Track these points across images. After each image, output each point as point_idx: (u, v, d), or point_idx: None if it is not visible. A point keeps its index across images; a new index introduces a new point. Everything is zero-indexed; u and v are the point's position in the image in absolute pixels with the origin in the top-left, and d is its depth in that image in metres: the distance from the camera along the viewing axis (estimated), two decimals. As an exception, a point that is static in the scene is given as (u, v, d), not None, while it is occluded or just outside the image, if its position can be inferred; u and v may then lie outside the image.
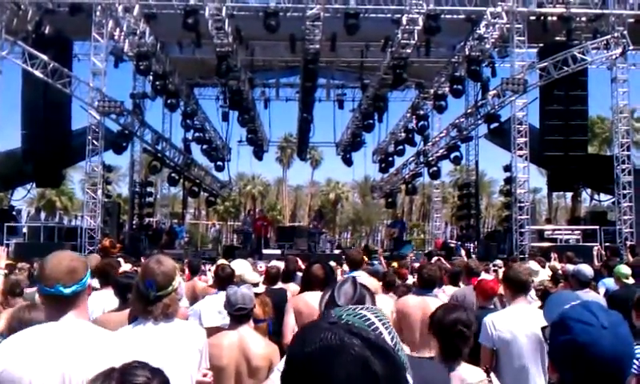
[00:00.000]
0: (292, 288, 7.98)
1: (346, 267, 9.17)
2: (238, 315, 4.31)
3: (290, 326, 5.58)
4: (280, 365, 3.37)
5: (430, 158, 28.01)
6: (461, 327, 3.54)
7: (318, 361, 1.08)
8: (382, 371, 1.07)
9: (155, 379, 1.69)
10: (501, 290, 6.58)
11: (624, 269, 7.69)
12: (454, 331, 3.53)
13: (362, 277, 7.40)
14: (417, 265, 9.98)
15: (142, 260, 11.97)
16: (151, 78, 22.78)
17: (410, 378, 1.15)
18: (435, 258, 12.75)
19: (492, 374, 3.63)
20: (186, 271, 9.73)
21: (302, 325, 5.46)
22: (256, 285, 6.78)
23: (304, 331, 1.17)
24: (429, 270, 6.55)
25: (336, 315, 1.18)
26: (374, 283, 7.49)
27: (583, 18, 21.04)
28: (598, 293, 7.15)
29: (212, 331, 4.47)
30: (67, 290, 2.63)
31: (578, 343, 1.69)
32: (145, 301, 3.35)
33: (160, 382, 1.70)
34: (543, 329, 1.99)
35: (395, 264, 11.98)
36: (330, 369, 1.06)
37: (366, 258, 16.41)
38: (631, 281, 7.44)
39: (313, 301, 5.73)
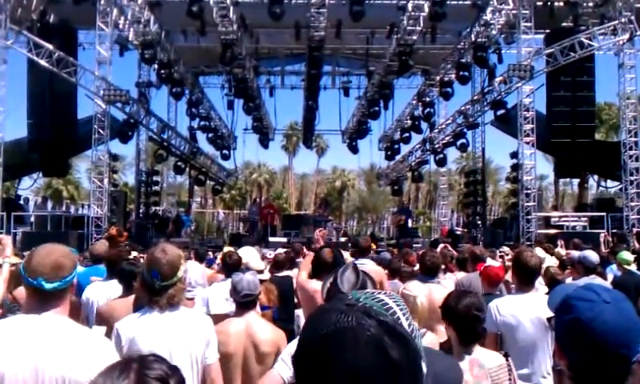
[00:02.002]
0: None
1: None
2: (245, 302, 4.32)
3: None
4: (284, 354, 3.38)
5: (436, 145, 27.94)
6: (475, 312, 3.58)
7: (333, 343, 1.06)
8: (398, 356, 1.06)
9: (174, 377, 1.67)
10: (507, 276, 6.59)
11: (626, 255, 7.68)
12: (470, 316, 3.56)
13: (368, 264, 7.42)
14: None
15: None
16: (156, 66, 22.77)
17: (424, 365, 1.14)
18: (442, 246, 12.75)
19: (510, 359, 3.66)
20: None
21: (307, 309, 5.48)
22: (260, 272, 6.80)
23: (319, 312, 1.15)
24: (431, 257, 6.57)
25: (353, 298, 1.16)
26: (379, 271, 7.50)
27: (590, 4, 20.87)
28: (606, 279, 7.13)
29: (220, 318, 4.48)
30: (48, 286, 2.60)
31: (581, 320, 1.69)
32: (150, 290, 3.36)
33: (177, 379, 1.69)
34: (549, 319, 1.99)
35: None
36: (346, 351, 1.05)
37: (373, 246, 16.50)
38: (634, 267, 7.43)
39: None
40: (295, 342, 3.54)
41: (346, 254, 9.00)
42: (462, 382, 2.90)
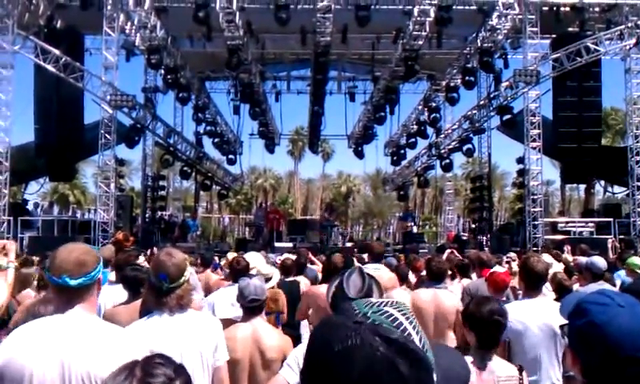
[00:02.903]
0: (302, 281, 8.00)
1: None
2: (251, 307, 4.31)
3: (301, 312, 5.62)
4: (290, 360, 3.37)
5: (442, 151, 27.89)
6: (497, 317, 3.64)
7: (343, 362, 1.05)
8: (410, 374, 1.05)
9: (178, 378, 1.65)
10: (514, 282, 6.57)
11: (636, 260, 7.63)
12: (491, 321, 3.62)
13: (382, 269, 7.40)
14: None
15: (153, 253, 12.05)
16: (162, 71, 22.80)
17: (435, 377, 1.12)
18: (448, 251, 12.73)
19: (524, 373, 3.65)
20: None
21: (319, 317, 5.47)
22: (269, 279, 6.78)
23: (327, 330, 1.13)
24: (437, 263, 6.57)
25: (360, 312, 1.12)
26: (392, 277, 7.46)
27: (596, 9, 20.84)
28: (614, 285, 7.08)
29: (225, 323, 4.47)
30: (73, 282, 2.64)
31: (595, 323, 1.68)
32: (158, 293, 3.38)
33: (183, 380, 1.67)
34: (562, 327, 1.98)
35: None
36: (355, 371, 1.04)
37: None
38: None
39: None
40: (301, 347, 3.54)
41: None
42: (469, 377, 2.90)
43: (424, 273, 9.13)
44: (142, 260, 7.56)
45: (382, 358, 1.05)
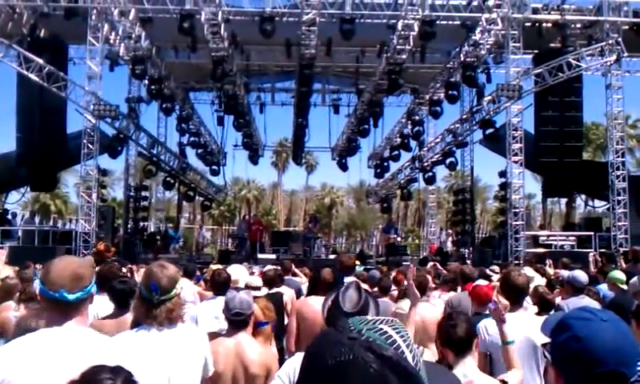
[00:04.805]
0: (287, 292, 8.00)
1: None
2: (236, 320, 4.28)
3: (292, 331, 5.60)
4: (281, 372, 3.37)
5: (425, 164, 28.04)
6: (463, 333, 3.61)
7: (336, 377, 1.07)
8: None
9: (119, 378, 1.66)
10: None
11: (618, 274, 7.70)
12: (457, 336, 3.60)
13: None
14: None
15: (135, 265, 11.96)
16: (147, 82, 22.74)
17: None
18: (431, 264, 12.77)
19: None
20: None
21: (305, 328, 5.47)
22: (257, 288, 6.80)
23: (321, 344, 1.15)
24: (419, 276, 6.57)
25: (355, 328, 1.14)
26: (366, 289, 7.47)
27: (578, 25, 21.11)
28: (598, 299, 7.13)
29: (209, 336, 4.46)
30: (71, 296, 2.61)
31: (578, 337, 1.69)
32: (148, 305, 3.36)
33: (125, 377, 1.68)
34: (544, 345, 1.99)
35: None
36: None
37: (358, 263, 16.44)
38: (626, 287, 7.44)
39: (318, 305, 5.75)
40: (292, 360, 3.54)
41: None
42: None
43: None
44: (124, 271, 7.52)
45: (375, 374, 1.06)
